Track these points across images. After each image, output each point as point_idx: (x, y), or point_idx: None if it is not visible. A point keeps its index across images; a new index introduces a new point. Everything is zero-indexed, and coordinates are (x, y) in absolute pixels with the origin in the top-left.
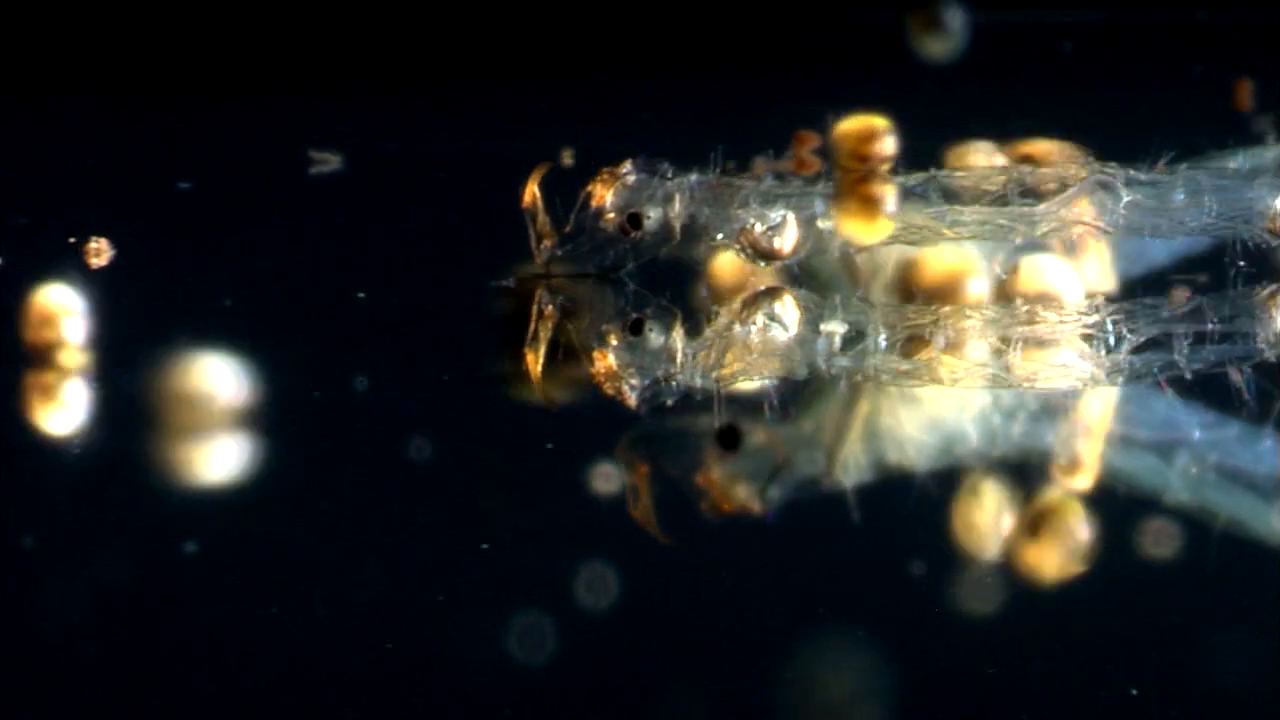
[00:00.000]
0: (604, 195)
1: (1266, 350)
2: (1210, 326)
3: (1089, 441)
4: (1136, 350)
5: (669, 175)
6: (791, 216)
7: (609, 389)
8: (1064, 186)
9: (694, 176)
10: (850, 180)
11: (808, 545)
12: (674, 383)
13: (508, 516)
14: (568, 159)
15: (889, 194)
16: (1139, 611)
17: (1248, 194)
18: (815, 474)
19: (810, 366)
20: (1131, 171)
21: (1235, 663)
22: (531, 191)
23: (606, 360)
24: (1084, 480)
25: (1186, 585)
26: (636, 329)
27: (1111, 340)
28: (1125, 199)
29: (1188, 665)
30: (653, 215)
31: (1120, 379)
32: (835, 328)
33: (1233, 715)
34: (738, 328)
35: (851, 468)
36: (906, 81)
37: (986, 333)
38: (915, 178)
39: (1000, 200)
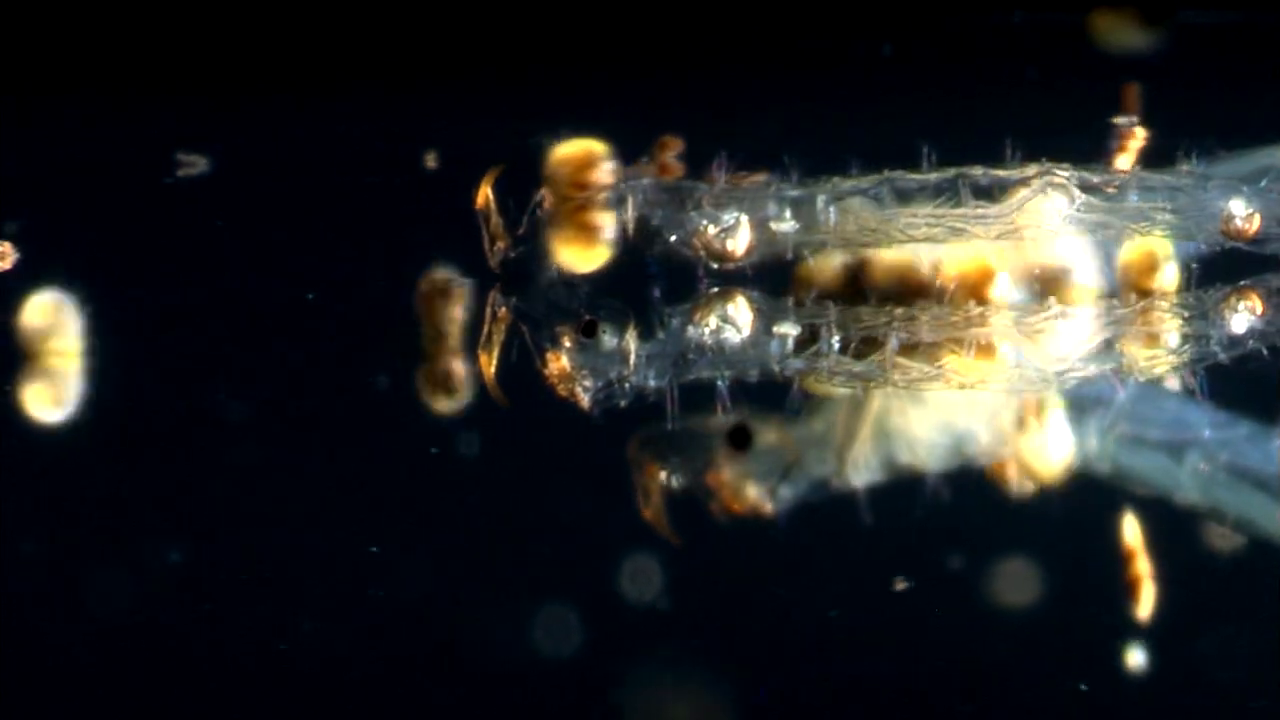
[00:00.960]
0: None
1: (1220, 352)
2: (1162, 329)
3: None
4: (1092, 351)
5: (622, 177)
6: (744, 219)
7: (562, 390)
8: (1017, 188)
9: (647, 179)
10: (568, 207)
11: (818, 545)
12: (627, 384)
13: (512, 517)
14: (431, 161)
15: (606, 221)
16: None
17: (1201, 196)
18: (826, 474)
19: (763, 368)
20: (1084, 173)
21: (1244, 659)
22: (485, 194)
23: (560, 362)
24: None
25: (1197, 582)
26: (589, 331)
27: (1063, 341)
28: (1079, 200)
29: (1194, 661)
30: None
31: (1072, 380)
32: (788, 329)
33: (1239, 709)
34: (691, 329)
35: (862, 468)
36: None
37: (938, 334)
38: (868, 180)
39: (954, 202)
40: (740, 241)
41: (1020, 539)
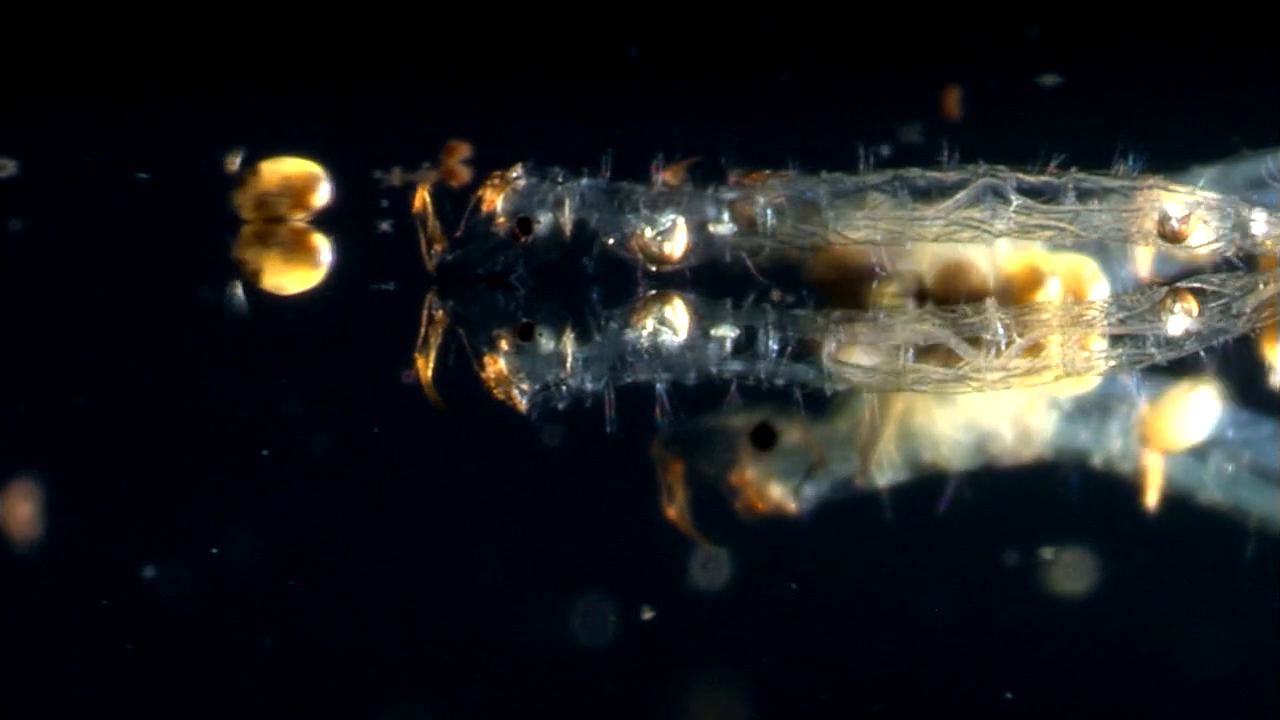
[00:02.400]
0: (494, 200)
1: (1157, 354)
2: (1101, 331)
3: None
4: (1029, 352)
5: (560, 179)
6: (681, 221)
7: (499, 393)
8: (955, 189)
9: (584, 180)
10: (270, 228)
11: (842, 544)
12: (564, 387)
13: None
14: (233, 163)
15: (322, 244)
16: (1171, 610)
17: (1139, 198)
18: (850, 473)
19: (701, 371)
20: (1021, 175)
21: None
22: (421, 197)
23: (496, 365)
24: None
25: (1220, 584)
26: (526, 334)
27: (1003, 343)
28: (1015, 203)
29: (1215, 664)
30: (543, 220)
31: (1008, 382)
32: (726, 332)
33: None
34: (628, 332)
35: (886, 467)
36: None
37: (881, 336)
38: (807, 181)
39: (893, 203)
40: (677, 244)
41: (1044, 537)
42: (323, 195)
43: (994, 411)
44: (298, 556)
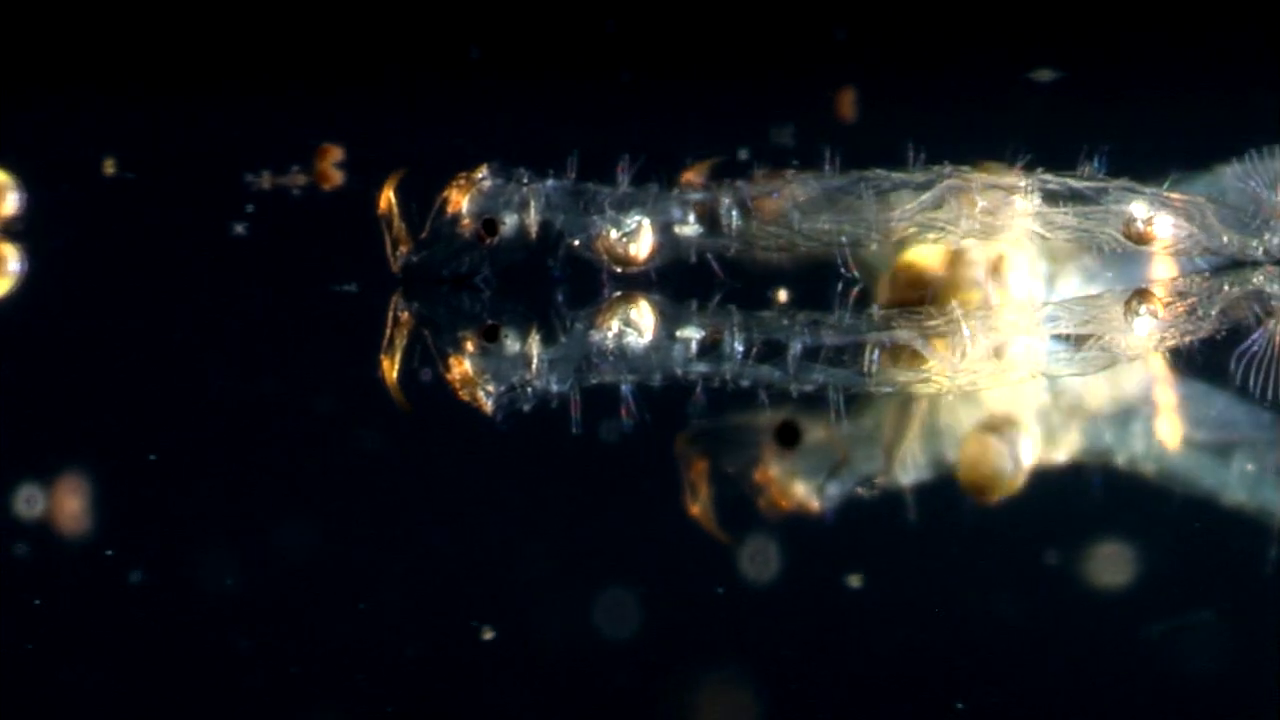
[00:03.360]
0: (459, 201)
1: (1124, 356)
2: (1066, 332)
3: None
4: (993, 353)
5: (525, 180)
6: (647, 222)
7: (464, 395)
8: (921, 190)
9: (550, 181)
10: None
11: (865, 543)
12: (529, 388)
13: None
14: (110, 168)
15: (11, 254)
16: (1195, 610)
17: (1104, 198)
18: (874, 472)
19: (666, 372)
20: (985, 176)
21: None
22: (387, 197)
23: (462, 366)
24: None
25: (1243, 586)
26: (491, 335)
27: (968, 344)
28: (980, 204)
29: (1240, 665)
30: (508, 221)
31: (973, 384)
32: (691, 334)
33: None
34: (594, 333)
35: (910, 466)
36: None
37: (846, 337)
38: (774, 183)
39: (855, 205)
40: (643, 245)
41: (1067, 536)
42: (11, 204)
43: (1017, 411)
44: (265, 560)
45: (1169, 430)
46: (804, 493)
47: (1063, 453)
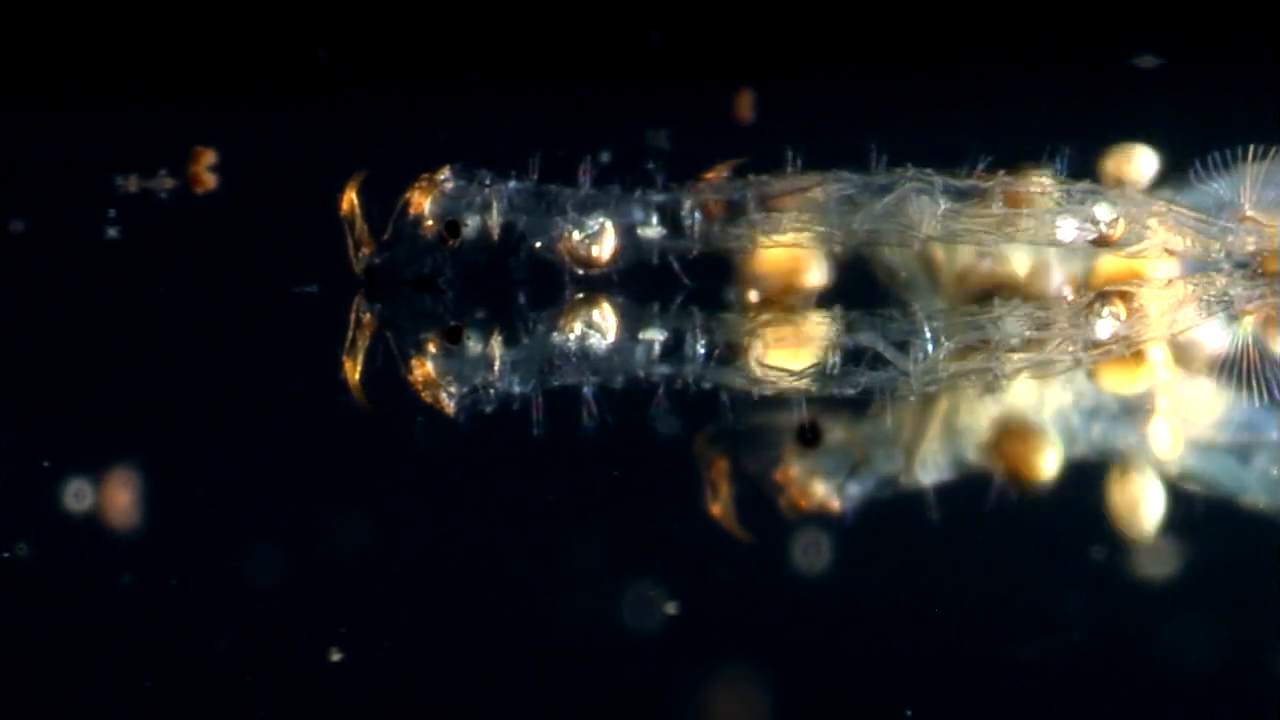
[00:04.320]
0: (422, 202)
1: (1084, 359)
2: (1027, 334)
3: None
4: (955, 356)
5: (487, 182)
6: (609, 224)
7: (427, 396)
8: (884, 193)
9: (512, 183)
10: None
11: (886, 543)
12: (492, 390)
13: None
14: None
15: None
16: (1219, 612)
17: (1067, 201)
18: (894, 472)
19: (629, 374)
20: (948, 179)
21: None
22: (349, 199)
23: (424, 367)
24: None
25: (1261, 585)
26: (454, 337)
27: (930, 346)
28: (943, 207)
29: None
30: (470, 223)
31: (935, 385)
32: (654, 335)
33: None
34: (556, 335)
35: (930, 466)
36: None
37: (808, 340)
38: (734, 185)
39: (819, 208)
40: (605, 247)
41: (1087, 536)
42: None
43: (1037, 411)
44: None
45: (1190, 432)
46: (824, 492)
47: (1080, 451)
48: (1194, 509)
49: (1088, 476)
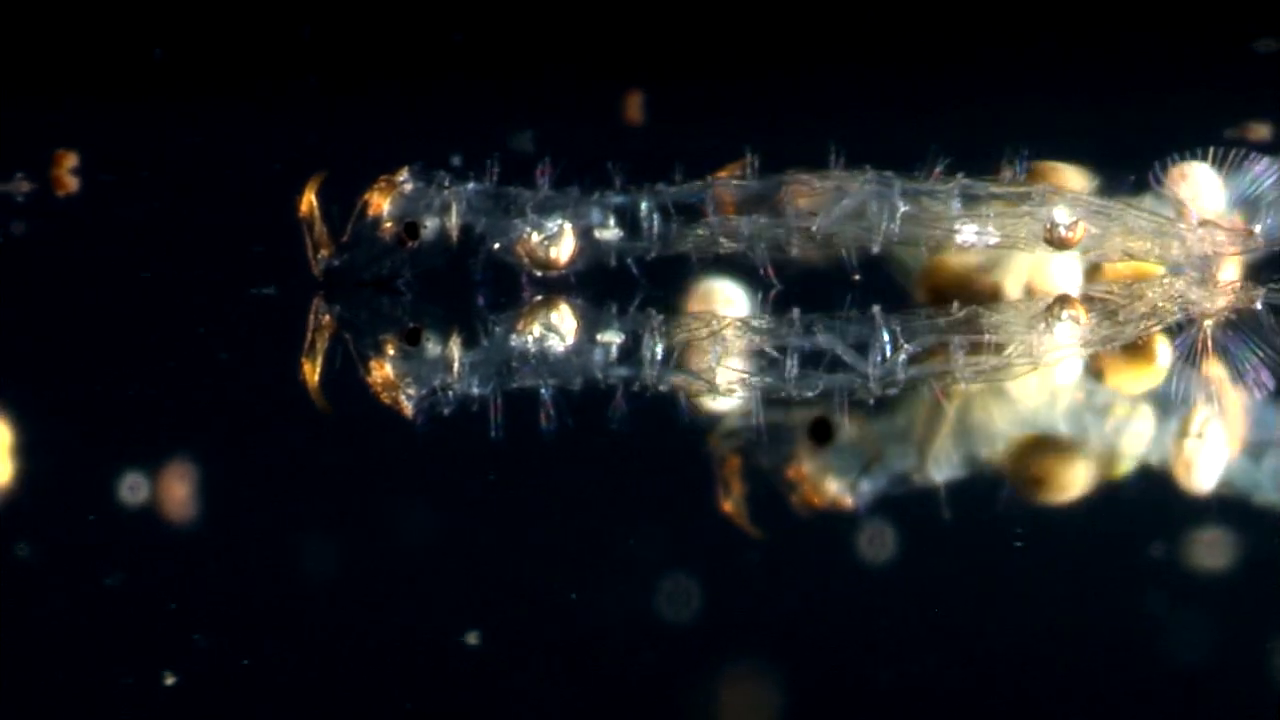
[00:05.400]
0: (381, 204)
1: (1043, 362)
2: (986, 337)
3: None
4: (913, 359)
5: (446, 184)
6: (568, 226)
7: (386, 398)
8: (839, 195)
9: (471, 185)
10: None
11: (899, 540)
12: (450, 392)
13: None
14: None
15: None
16: (1230, 613)
17: (1024, 205)
18: (907, 469)
19: (587, 376)
20: (906, 181)
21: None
22: (308, 200)
23: (383, 369)
24: None
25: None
26: (412, 338)
27: (888, 349)
28: (901, 209)
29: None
30: (429, 225)
31: (894, 388)
32: (612, 337)
33: None
34: (514, 337)
35: (943, 463)
36: None
37: (765, 342)
38: (694, 186)
39: (777, 211)
40: (564, 249)
41: (1101, 535)
42: None
43: (1050, 408)
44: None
45: (1204, 431)
46: (837, 490)
47: (1098, 450)
48: (1208, 509)
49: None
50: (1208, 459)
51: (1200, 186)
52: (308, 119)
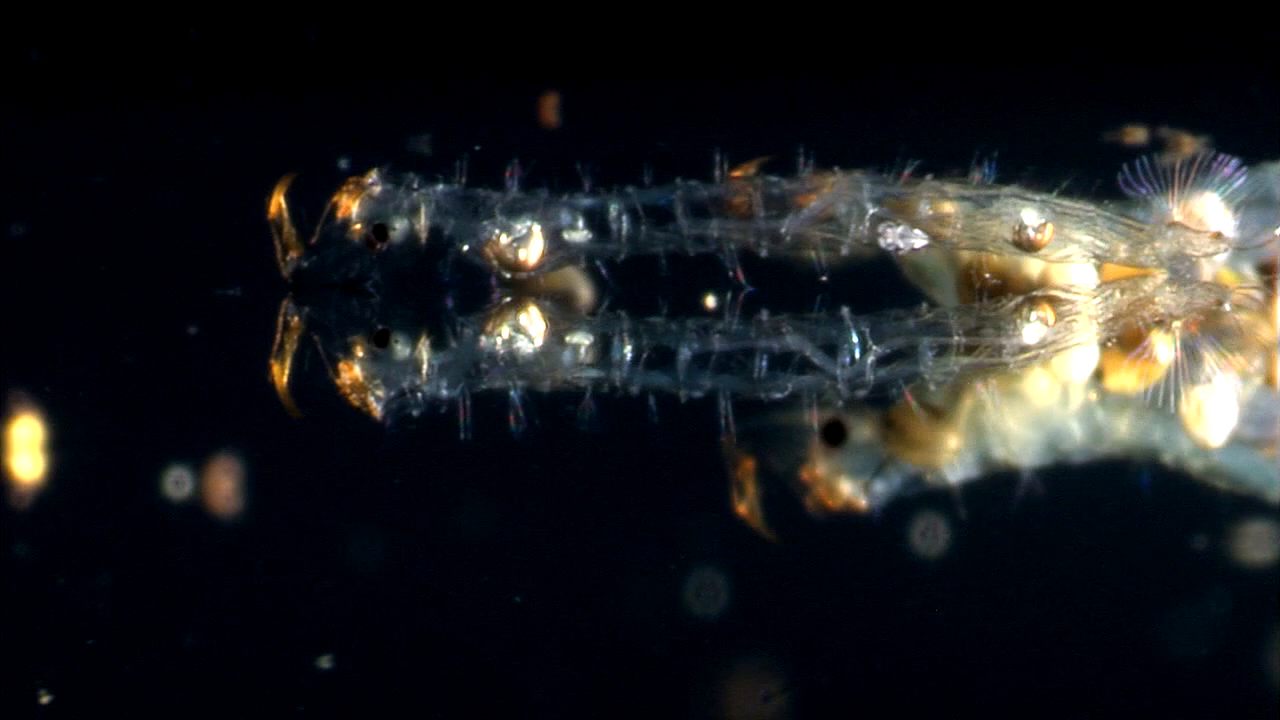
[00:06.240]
0: (349, 206)
1: (1011, 363)
2: (955, 339)
3: None
4: (882, 361)
5: (415, 186)
6: (537, 228)
7: (354, 400)
8: (811, 198)
9: (440, 187)
10: None
11: (910, 540)
12: (419, 394)
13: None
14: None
15: None
16: (1234, 609)
17: (993, 207)
18: (920, 470)
19: (556, 378)
20: (878, 183)
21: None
22: (277, 202)
23: (352, 371)
24: None
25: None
26: (381, 340)
27: (857, 351)
28: (871, 211)
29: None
30: (398, 226)
31: (863, 390)
32: (581, 339)
33: None
34: (483, 339)
35: (957, 464)
36: None
37: (729, 344)
38: (659, 189)
39: (746, 213)
40: (533, 251)
41: (1115, 534)
42: None
43: (1063, 408)
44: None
45: (1215, 427)
46: (851, 491)
47: (1108, 449)
48: (1219, 505)
49: (1114, 474)
50: (1217, 408)
51: (1173, 189)
52: (278, 120)
